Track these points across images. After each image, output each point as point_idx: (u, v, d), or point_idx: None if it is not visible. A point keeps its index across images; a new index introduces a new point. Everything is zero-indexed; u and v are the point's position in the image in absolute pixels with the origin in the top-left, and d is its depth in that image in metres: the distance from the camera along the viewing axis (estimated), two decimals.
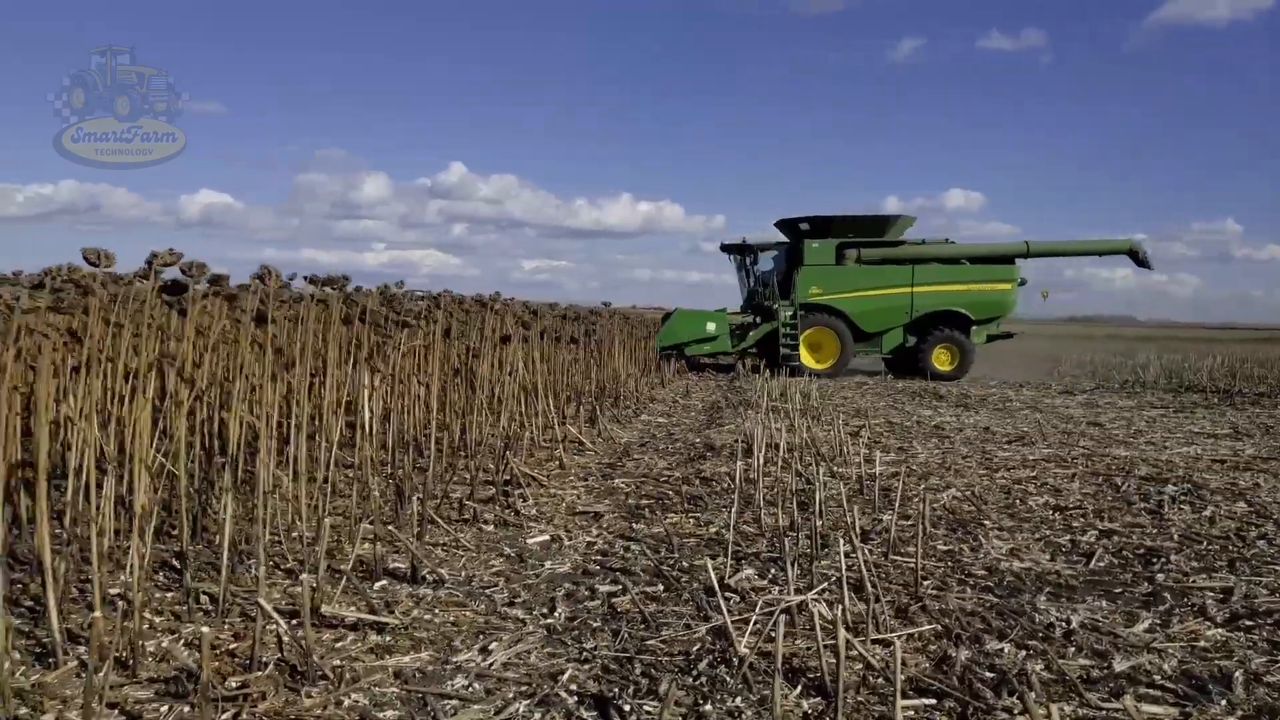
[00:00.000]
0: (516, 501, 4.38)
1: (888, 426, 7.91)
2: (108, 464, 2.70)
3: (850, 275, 16.10)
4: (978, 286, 16.04)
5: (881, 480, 5.01)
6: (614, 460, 5.92)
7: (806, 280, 16.08)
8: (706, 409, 9.46)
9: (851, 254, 16.37)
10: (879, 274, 16.18)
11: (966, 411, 9.36)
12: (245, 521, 3.55)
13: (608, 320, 10.71)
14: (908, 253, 16.72)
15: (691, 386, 12.02)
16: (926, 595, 3.10)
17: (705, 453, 6.24)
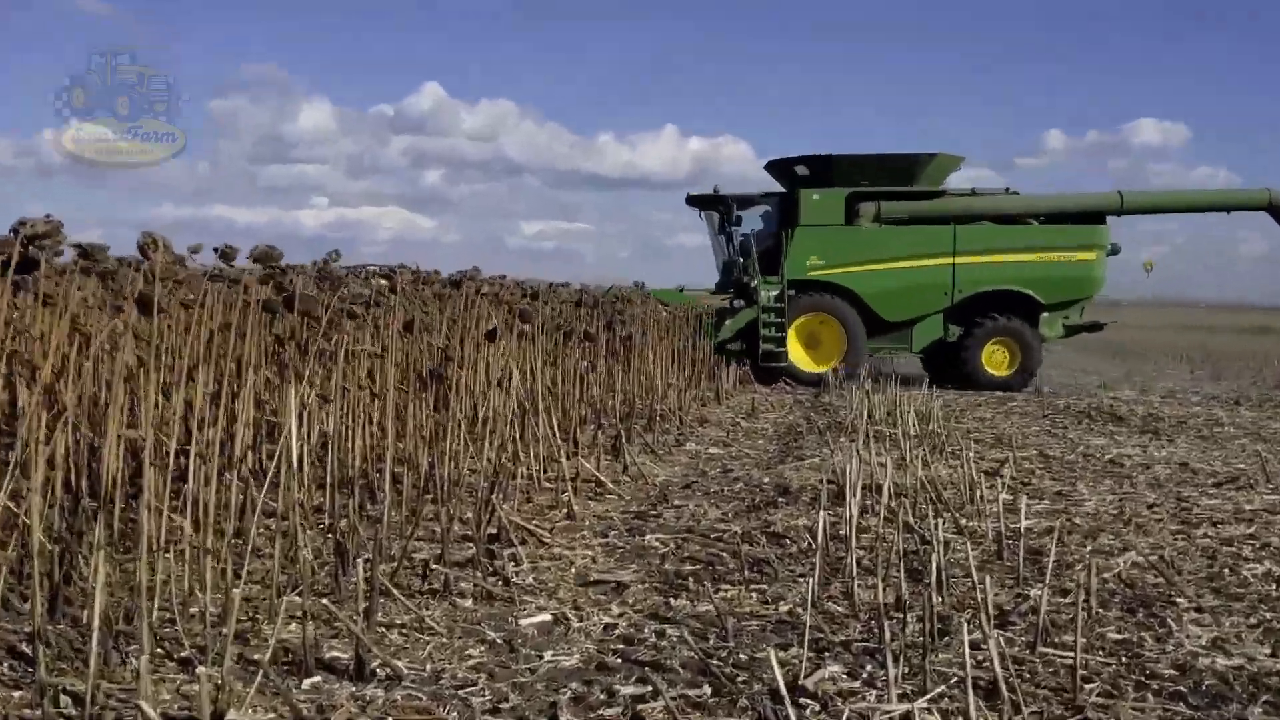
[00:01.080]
0: (506, 566, 4.41)
1: (1041, 461, 7.83)
2: None
3: (865, 240, 15.76)
4: (1050, 256, 15.67)
5: (1030, 539, 4.95)
6: (646, 507, 5.93)
7: (802, 246, 15.75)
8: (780, 434, 9.44)
9: (868, 209, 16.02)
10: (907, 238, 15.83)
11: (1156, 440, 9.24)
12: (124, 591, 3.60)
13: (640, 307, 10.74)
14: (949, 208, 16.29)
15: (760, 402, 12.02)
16: (1089, 705, 3.07)
17: (776, 497, 6.23)
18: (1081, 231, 15.91)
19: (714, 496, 6.31)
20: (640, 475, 6.74)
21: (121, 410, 3.73)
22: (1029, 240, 15.86)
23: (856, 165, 16.35)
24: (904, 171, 16.25)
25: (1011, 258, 15.65)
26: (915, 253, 15.64)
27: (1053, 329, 15.70)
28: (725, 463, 7.72)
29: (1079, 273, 15.55)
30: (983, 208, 16.43)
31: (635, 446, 7.56)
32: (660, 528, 5.40)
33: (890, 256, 15.57)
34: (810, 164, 16.49)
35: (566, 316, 8.74)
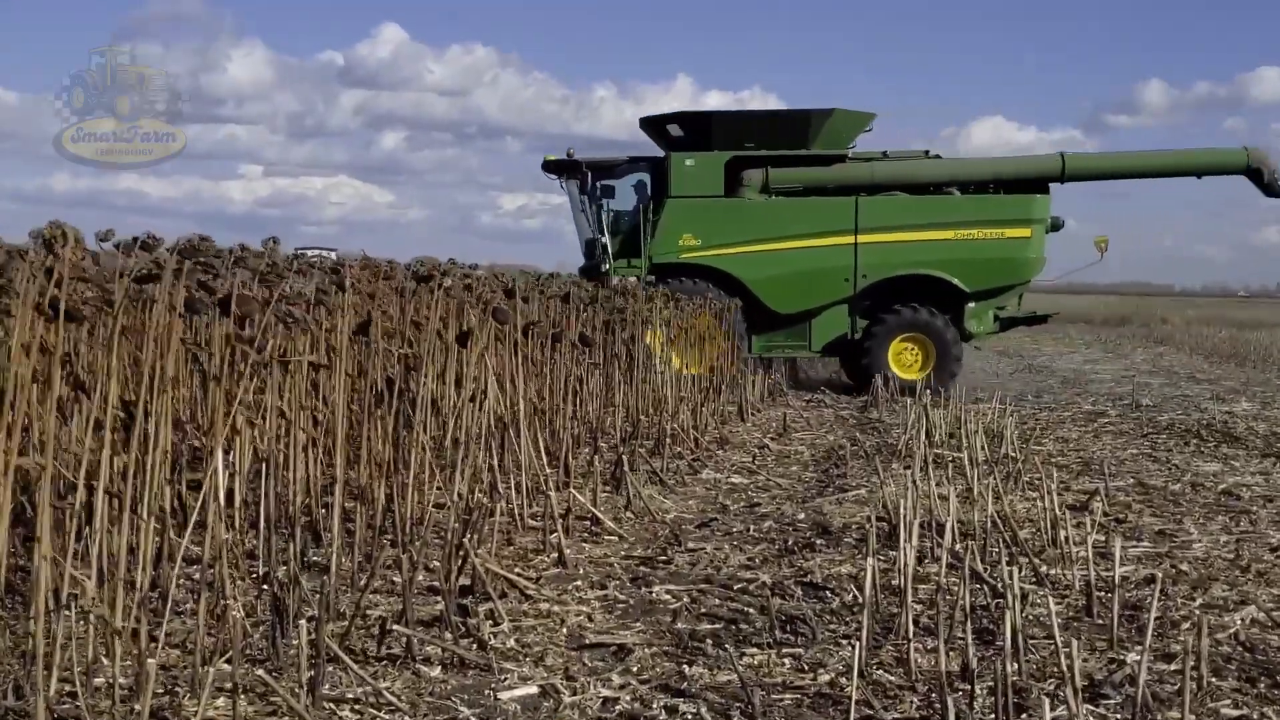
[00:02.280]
0: (482, 625, 4.42)
1: (1139, 493, 7.84)
2: None
3: (750, 214, 15.80)
4: (975, 234, 15.63)
5: (1126, 591, 4.95)
6: (653, 551, 5.95)
7: (674, 222, 15.73)
8: (818, 459, 9.46)
9: (753, 177, 16.04)
10: (801, 212, 15.85)
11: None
12: (14, 660, 3.61)
13: (644, 304, 10.76)
14: (852, 175, 16.25)
15: (793, 418, 12.03)
16: None
17: (814, 539, 6.24)
18: (1013, 203, 15.84)
19: (737, 538, 6.32)
20: (646, 511, 6.76)
21: (9, 433, 3.75)
22: (949, 214, 15.82)
23: (739, 124, 16.33)
24: (796, 132, 16.18)
25: (927, 236, 15.65)
26: (811, 230, 15.65)
27: (982, 322, 15.77)
28: (751, 495, 7.73)
29: (1011, 253, 15.52)
30: (893, 175, 16.38)
31: (640, 475, 7.57)
32: (671, 577, 5.40)
33: (781, 235, 15.59)
34: (684, 122, 16.43)
35: (555, 315, 8.76)
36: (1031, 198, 15.95)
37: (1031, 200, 15.89)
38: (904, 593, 4.38)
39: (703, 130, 16.17)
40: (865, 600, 4.26)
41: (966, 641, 4.00)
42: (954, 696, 3.70)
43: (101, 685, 3.50)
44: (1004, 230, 15.62)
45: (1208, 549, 6.10)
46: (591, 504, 6.50)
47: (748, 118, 16.78)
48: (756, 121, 16.54)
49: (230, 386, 4.29)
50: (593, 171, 16.28)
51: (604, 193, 16.50)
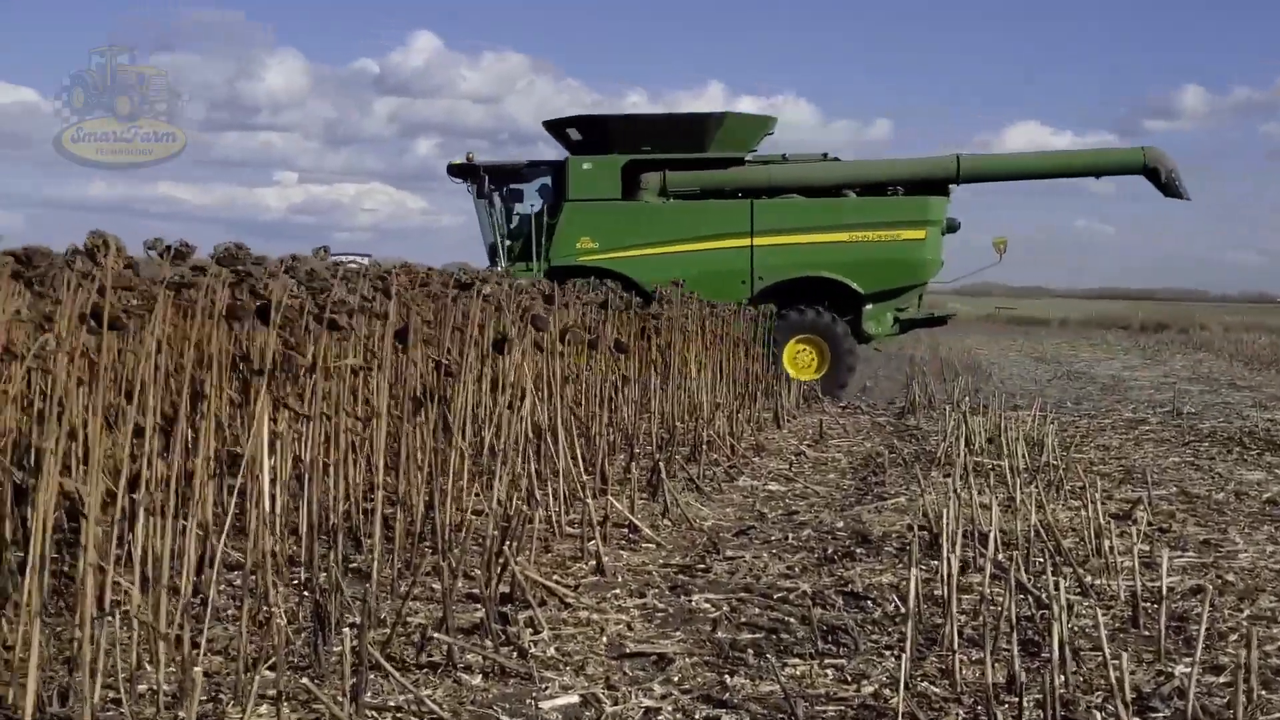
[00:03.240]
0: (522, 633, 4.42)
1: (1183, 502, 7.77)
2: None
3: (646, 217, 16.00)
4: (869, 235, 15.81)
5: (1172, 602, 4.91)
6: (692, 559, 5.94)
7: (571, 225, 15.93)
8: (855, 466, 9.43)
9: (651, 180, 16.25)
10: (697, 215, 16.08)
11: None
12: (58, 665, 3.64)
13: (680, 310, 10.77)
14: (748, 178, 16.51)
15: (829, 425, 12.00)
16: None
17: (853, 548, 6.22)
18: (906, 205, 15.98)
19: (776, 546, 6.31)
20: (684, 518, 6.75)
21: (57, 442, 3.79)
22: (842, 217, 15.96)
23: (636, 128, 16.54)
24: (692, 135, 16.39)
25: (820, 238, 15.80)
26: (707, 233, 15.82)
27: (881, 324, 15.93)
28: (789, 503, 7.71)
29: (905, 254, 15.64)
30: (790, 178, 16.55)
31: (677, 482, 7.57)
32: (711, 585, 5.40)
33: (678, 238, 15.74)
34: (583, 126, 16.68)
35: (590, 321, 8.77)
36: (926, 199, 16.10)
37: (926, 202, 16.04)
38: (948, 603, 4.35)
39: (601, 134, 16.45)
40: (909, 611, 4.24)
41: (1012, 653, 3.97)
42: (1001, 709, 3.68)
43: (145, 692, 3.52)
44: (898, 232, 15.78)
45: (1254, 559, 6.04)
46: (629, 511, 6.50)
47: (644, 121, 16.93)
48: (653, 125, 16.72)
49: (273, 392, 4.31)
50: (491, 176, 16.55)
51: (511, 196, 16.80)
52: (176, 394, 4.10)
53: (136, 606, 3.41)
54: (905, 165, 16.89)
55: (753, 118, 17.14)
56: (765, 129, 17.22)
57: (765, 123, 17.27)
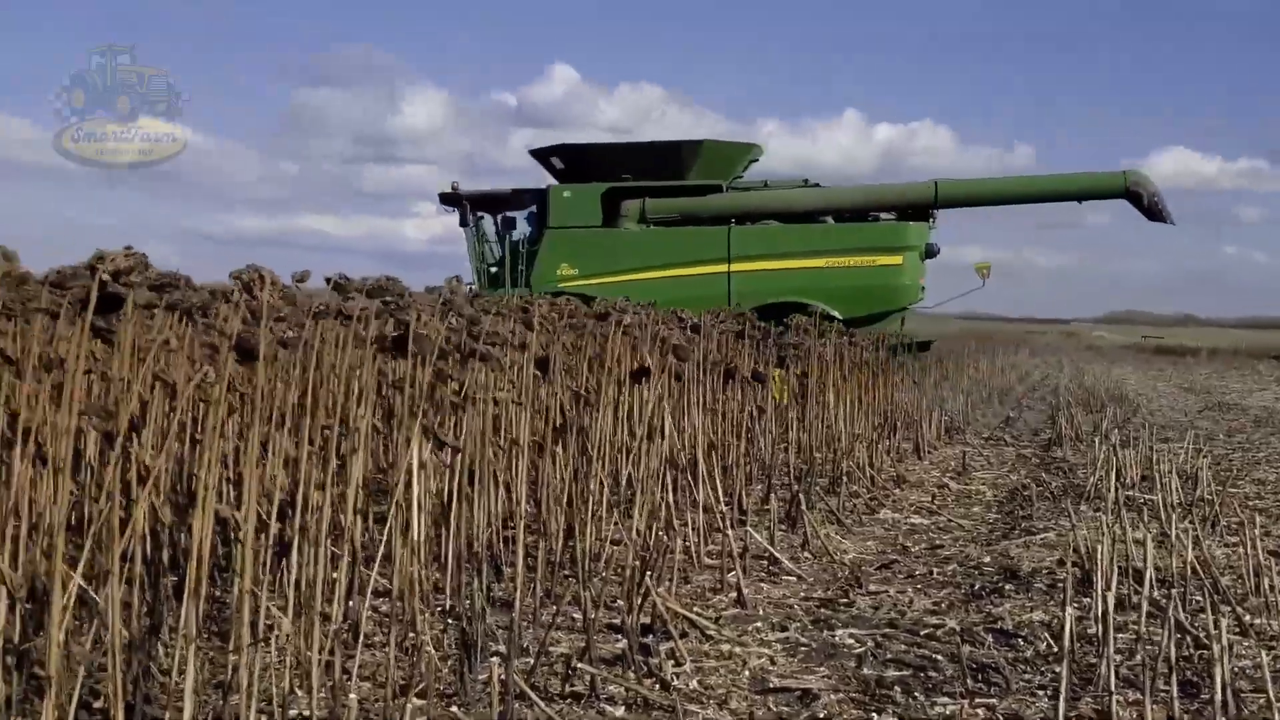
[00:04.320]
0: (664, 665, 4.41)
1: None
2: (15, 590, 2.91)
3: (625, 244, 16.09)
4: (846, 261, 15.82)
5: None
6: (834, 593, 5.88)
7: (553, 252, 16.13)
8: (1001, 500, 9.25)
9: (631, 208, 16.40)
10: (675, 241, 16.15)
11: None
12: (213, 690, 3.72)
13: (818, 339, 10.70)
14: (725, 205, 16.58)
15: (972, 457, 11.82)
16: None
17: (1001, 583, 6.10)
18: (883, 230, 16.04)
19: (920, 580, 6.22)
20: (824, 551, 6.69)
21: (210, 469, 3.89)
22: (819, 243, 16.03)
23: (615, 156, 16.69)
24: (670, 163, 16.50)
25: (798, 264, 15.83)
26: (685, 259, 15.90)
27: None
28: (932, 536, 7.60)
29: (883, 280, 15.69)
30: (768, 204, 16.61)
31: (817, 514, 7.51)
32: (854, 620, 5.34)
33: (656, 264, 15.83)
34: (564, 155, 16.92)
35: (728, 350, 8.76)
36: (904, 225, 16.16)
37: (904, 228, 16.11)
38: (1103, 642, 4.25)
39: (583, 162, 16.77)
40: (1064, 650, 4.14)
41: (1171, 695, 3.87)
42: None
43: (296, 717, 3.59)
44: (875, 258, 15.86)
45: None
46: (769, 543, 6.46)
47: (623, 150, 17.14)
48: (633, 153, 16.93)
49: (420, 422, 4.38)
50: (476, 203, 16.94)
51: (501, 223, 17.13)
52: (327, 423, 4.18)
53: (288, 633, 3.48)
54: (884, 191, 16.96)
55: (733, 145, 17.39)
56: (748, 156, 17.48)
57: (747, 150, 17.57)
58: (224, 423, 3.77)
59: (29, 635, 3.19)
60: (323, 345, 4.18)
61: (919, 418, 13.00)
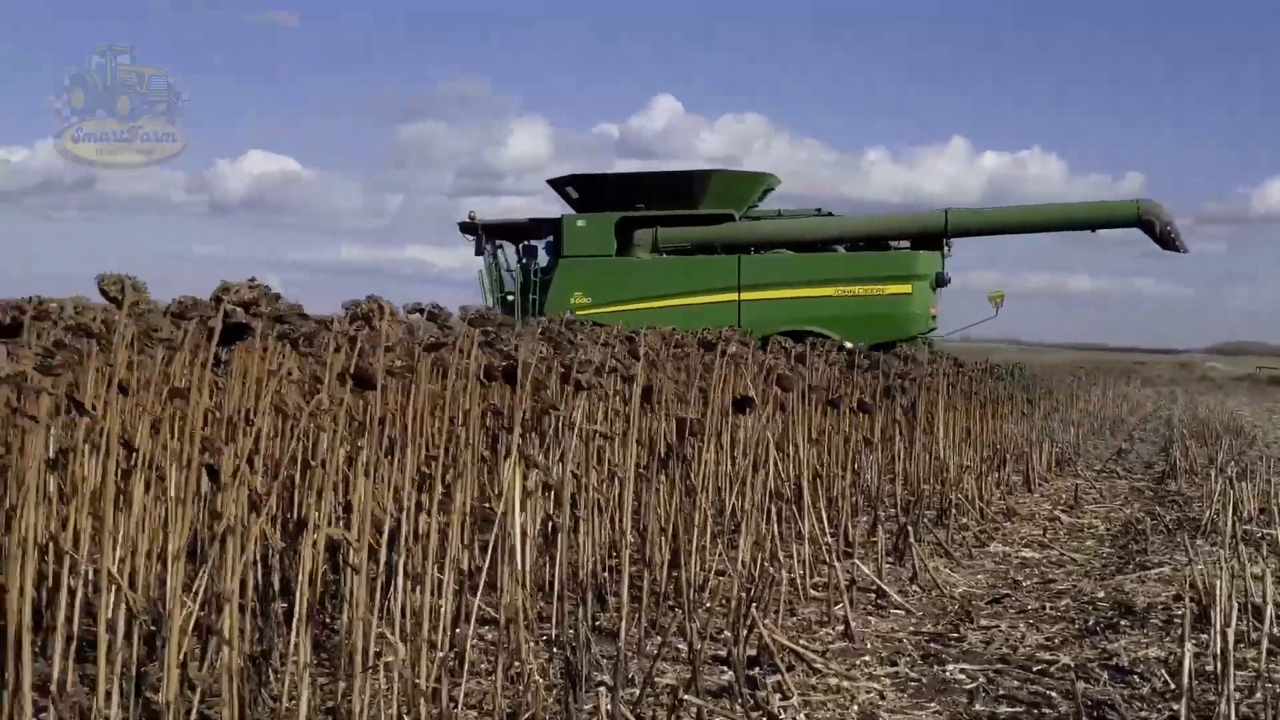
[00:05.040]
0: (770, 698, 4.39)
1: None
2: (138, 616, 2.98)
3: (637, 272, 16.32)
4: (855, 290, 15.93)
5: None
6: (943, 627, 5.81)
7: (567, 280, 16.36)
8: (1114, 533, 9.08)
9: (644, 237, 16.71)
10: (686, 270, 16.35)
11: None
12: (322, 716, 3.77)
13: (927, 367, 10.60)
14: (736, 234, 16.78)
15: (1084, 489, 11.62)
16: None
17: (1116, 619, 5.98)
18: (892, 259, 16.13)
19: (1032, 615, 6.12)
20: (934, 584, 6.61)
21: (320, 495, 3.95)
22: (829, 271, 16.13)
23: (629, 186, 16.92)
24: (682, 193, 16.70)
25: (807, 292, 15.94)
26: (696, 288, 16.08)
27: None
28: (1044, 570, 7.47)
29: (891, 309, 15.77)
30: (779, 233, 16.79)
31: (925, 547, 7.42)
32: (965, 655, 5.26)
33: (667, 292, 15.94)
34: (579, 185, 17.21)
35: (833, 380, 8.71)
36: (914, 254, 16.30)
37: (914, 256, 16.26)
38: (1221, 680, 4.14)
39: (596, 192, 17.05)
40: (1182, 687, 4.05)
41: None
42: None
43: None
44: (884, 287, 16.00)
45: None
46: (876, 576, 6.40)
47: (637, 179, 17.42)
48: (646, 183, 17.22)
49: (522, 451, 4.41)
50: (493, 233, 17.31)
51: (527, 252, 17.45)
52: (433, 451, 4.22)
53: (400, 660, 3.51)
54: (893, 220, 16.99)
55: (745, 175, 17.63)
56: (762, 186, 17.68)
57: (760, 180, 17.75)
58: (336, 450, 3.83)
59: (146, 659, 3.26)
60: (430, 374, 4.24)
61: (1029, 449, 12.82)
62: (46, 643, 3.42)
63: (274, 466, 3.91)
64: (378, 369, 3.19)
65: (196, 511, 3.79)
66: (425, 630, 3.67)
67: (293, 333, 3.92)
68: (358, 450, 3.71)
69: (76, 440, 3.10)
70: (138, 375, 3.41)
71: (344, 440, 4.28)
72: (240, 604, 3.72)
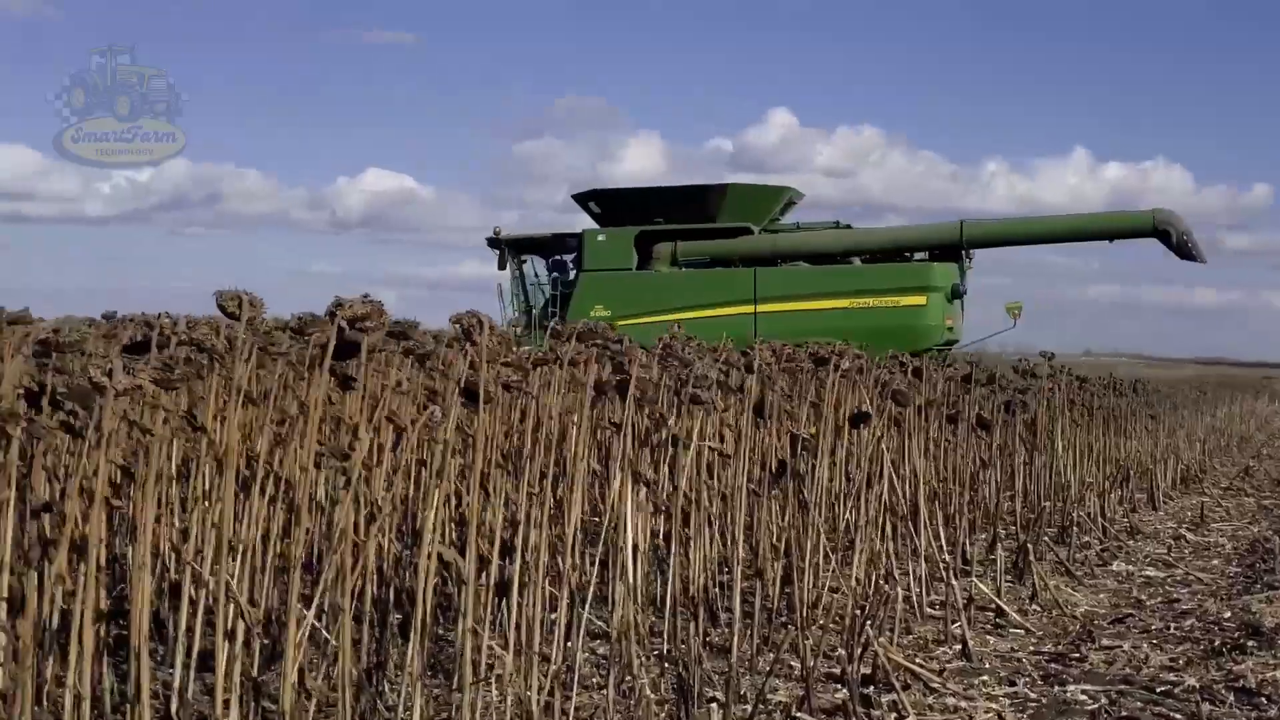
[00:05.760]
0: (886, 718, 4.34)
1: None
2: (253, 626, 3.03)
3: (656, 285, 16.52)
4: (869, 302, 15.91)
5: None
6: (1064, 647, 5.69)
7: (587, 293, 16.57)
8: (1241, 552, 8.86)
9: (663, 250, 16.93)
10: (704, 283, 16.54)
11: None
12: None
13: (1048, 384, 10.42)
14: (754, 247, 16.95)
15: (1210, 507, 11.34)
16: None
17: (1243, 639, 5.81)
18: (906, 271, 16.17)
19: (1156, 635, 5.97)
20: (1054, 603, 6.49)
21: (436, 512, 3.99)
22: (844, 283, 16.19)
23: (648, 200, 17.10)
24: (700, 206, 16.92)
25: (821, 304, 15.90)
26: (713, 300, 15.98)
27: None
28: (1168, 589, 7.30)
29: (905, 320, 15.59)
30: (796, 246, 16.87)
31: (1045, 565, 7.29)
32: (1086, 676, 5.15)
33: (685, 305, 15.72)
34: (600, 200, 17.44)
35: (950, 395, 8.59)
36: (929, 266, 16.30)
37: (929, 268, 16.26)
38: None
39: (617, 206, 17.30)
40: None
41: None
42: None
43: None
44: (899, 298, 15.98)
45: None
46: (995, 594, 6.30)
47: (656, 194, 17.49)
48: (664, 197, 17.35)
49: (634, 465, 4.41)
50: (517, 247, 17.60)
51: (556, 266, 17.81)
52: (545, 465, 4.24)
53: (511, 672, 3.53)
54: (908, 232, 17.25)
55: (762, 189, 17.66)
56: (782, 199, 17.77)
57: (780, 193, 17.76)
58: (448, 464, 3.86)
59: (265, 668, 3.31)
60: (541, 388, 4.27)
61: (1153, 466, 12.55)
62: (168, 652, 3.50)
63: (390, 479, 3.96)
64: (486, 383, 3.22)
65: (315, 523, 3.85)
66: (538, 643, 3.69)
67: (414, 348, 3.98)
68: (471, 464, 3.74)
69: (199, 452, 3.17)
70: (257, 389, 3.48)
71: (455, 452, 4.33)
72: (357, 616, 3.78)
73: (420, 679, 3.19)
